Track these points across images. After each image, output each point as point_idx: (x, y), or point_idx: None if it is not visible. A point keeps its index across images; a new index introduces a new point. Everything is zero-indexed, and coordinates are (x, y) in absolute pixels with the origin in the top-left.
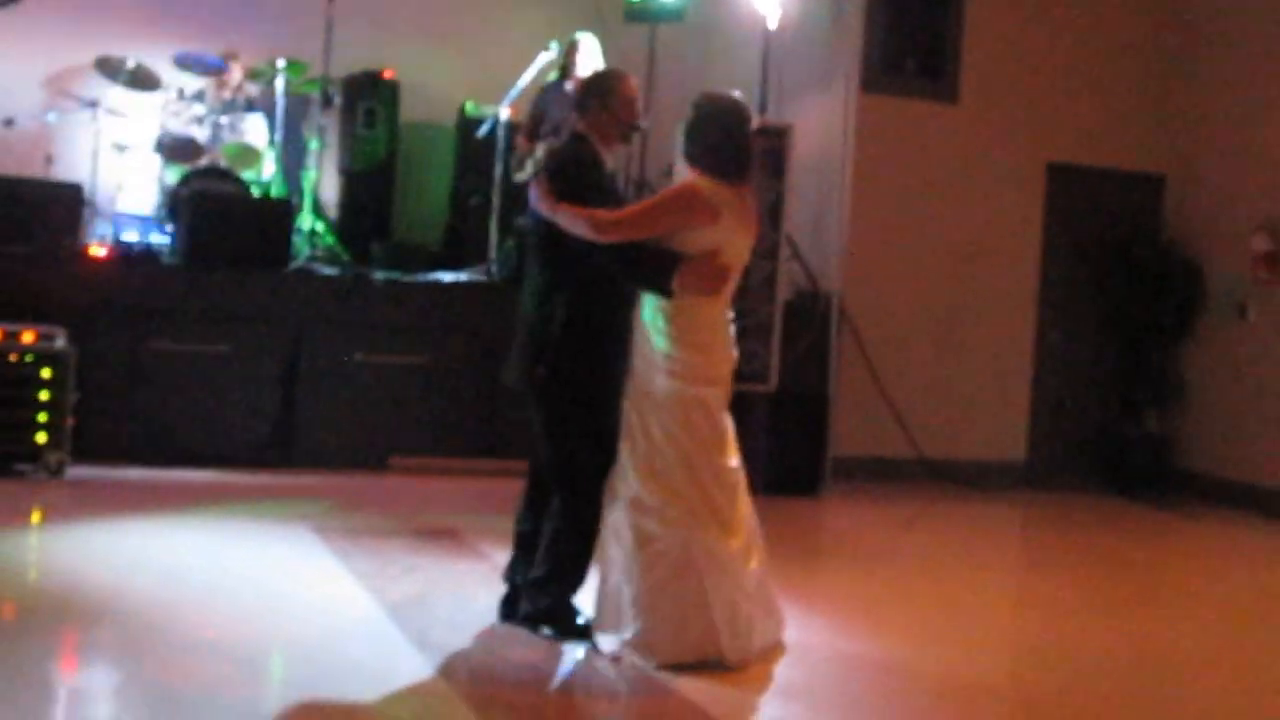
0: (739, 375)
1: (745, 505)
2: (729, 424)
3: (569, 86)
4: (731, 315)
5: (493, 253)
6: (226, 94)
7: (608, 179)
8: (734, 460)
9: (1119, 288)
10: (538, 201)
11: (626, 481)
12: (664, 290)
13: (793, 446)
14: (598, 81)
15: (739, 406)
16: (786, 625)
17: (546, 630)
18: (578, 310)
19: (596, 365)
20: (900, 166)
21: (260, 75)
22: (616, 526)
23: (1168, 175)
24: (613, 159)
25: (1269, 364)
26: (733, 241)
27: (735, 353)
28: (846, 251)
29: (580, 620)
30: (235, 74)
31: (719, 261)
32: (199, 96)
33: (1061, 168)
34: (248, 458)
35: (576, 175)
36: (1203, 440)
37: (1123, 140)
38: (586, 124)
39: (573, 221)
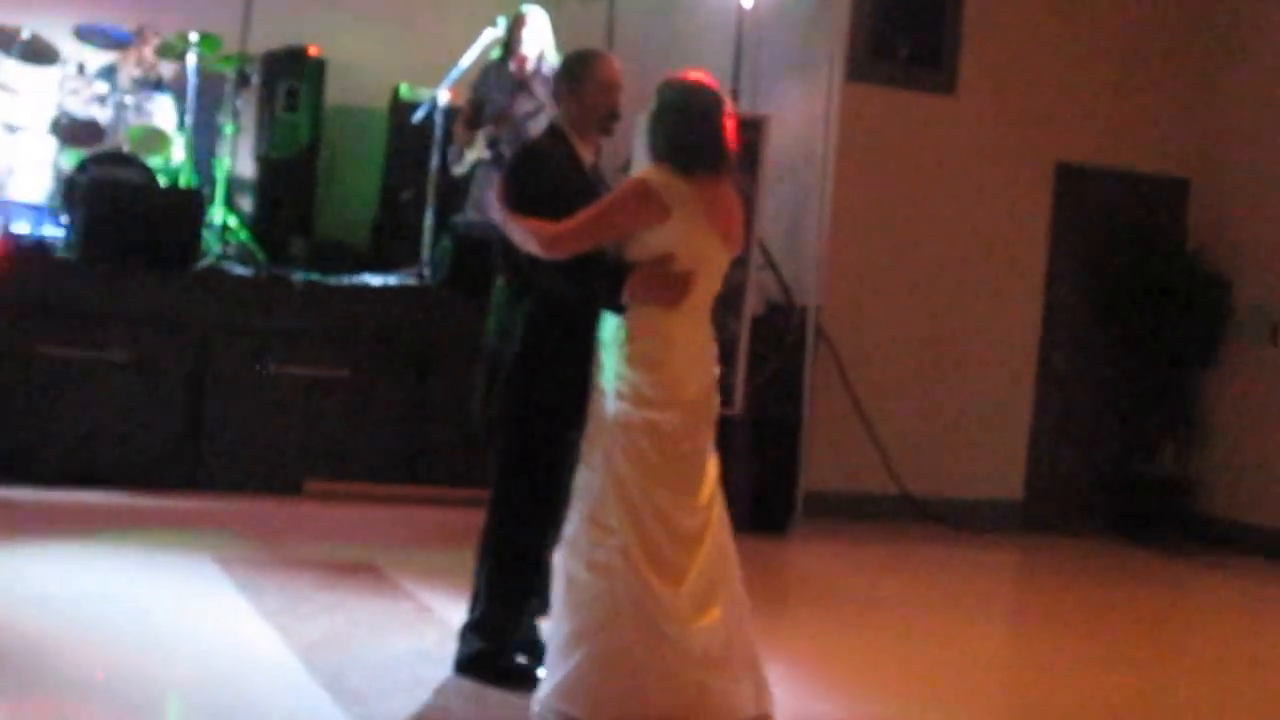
0: None
1: (709, 551)
2: (700, 455)
3: (512, 66)
4: (707, 329)
5: (426, 254)
6: (134, 71)
7: (584, 178)
8: (695, 497)
9: (1135, 306)
10: (494, 207)
11: (569, 518)
12: (613, 304)
13: (760, 479)
14: (568, 65)
15: None
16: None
17: (478, 677)
18: (539, 327)
19: (556, 391)
20: (889, 165)
21: (171, 51)
22: (555, 566)
23: (1193, 180)
24: (592, 153)
25: None
26: (691, 243)
27: (714, 372)
28: (825, 260)
29: (517, 668)
30: (144, 49)
31: (675, 267)
32: (104, 74)
33: (1072, 169)
34: (146, 478)
35: (531, 178)
36: (1225, 480)
37: (1143, 139)
38: (561, 114)
39: (522, 236)
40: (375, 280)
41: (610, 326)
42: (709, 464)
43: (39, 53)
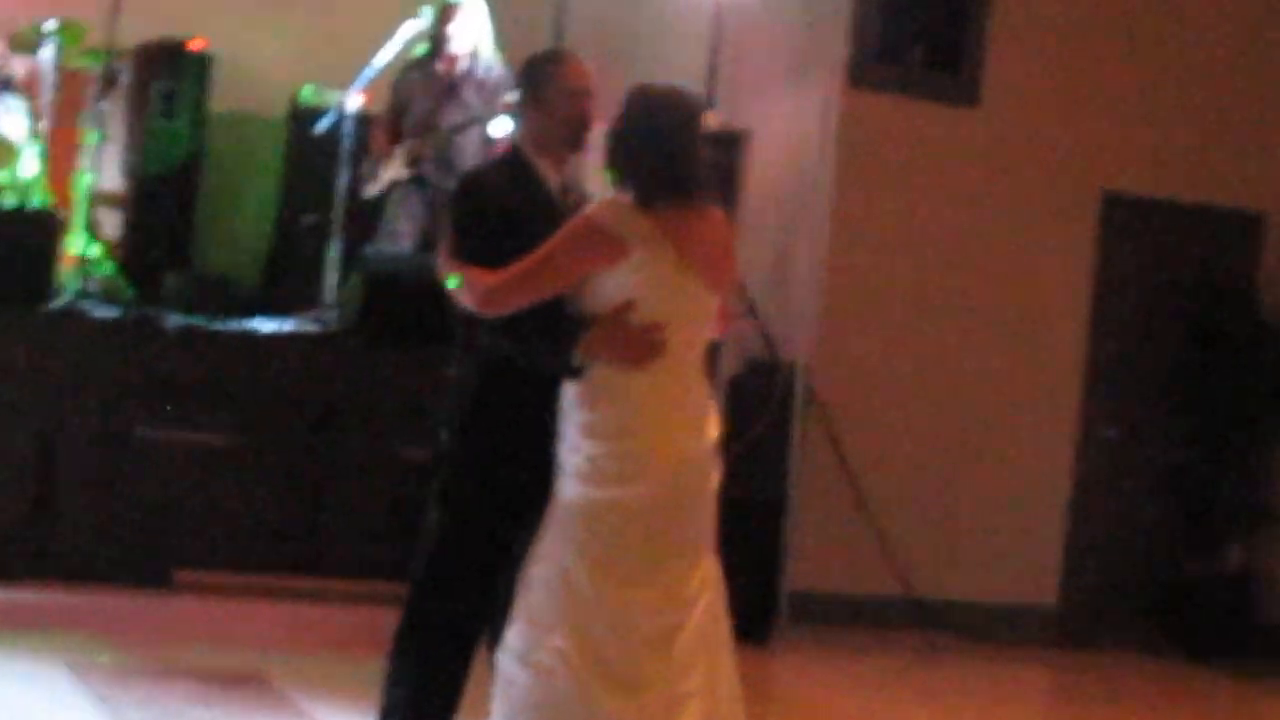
0: None
1: (682, 658)
2: (679, 539)
3: (439, 67)
4: (696, 387)
5: (330, 294)
6: None
7: (549, 209)
8: (666, 590)
9: (1197, 366)
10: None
11: (513, 613)
12: (566, 367)
13: (736, 572)
14: (528, 70)
15: None
16: None
17: None
18: (485, 393)
19: (501, 472)
20: (897, 191)
21: (22, 43)
22: (495, 667)
23: (1265, 215)
24: (559, 173)
25: None
26: (658, 287)
27: (707, 439)
28: (819, 306)
29: None
30: None
31: (639, 318)
32: None
33: (1122, 199)
34: None
35: (475, 217)
36: None
37: (1206, 167)
38: (521, 131)
39: (460, 290)
40: (267, 325)
41: (569, 393)
42: (696, 550)
43: None
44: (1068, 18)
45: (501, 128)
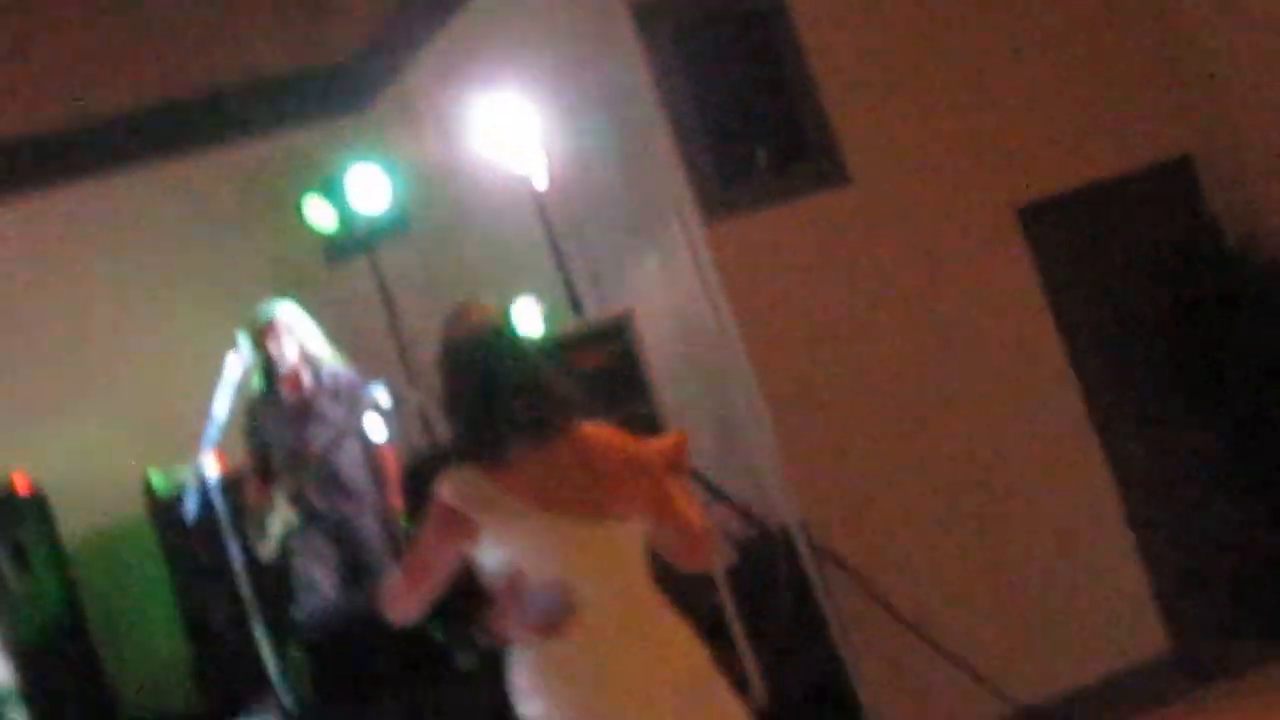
0: None
1: None
2: None
3: (283, 393)
4: (652, 621)
5: (276, 678)
6: None
7: None
8: None
9: (1186, 332)
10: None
11: None
12: (473, 654)
13: None
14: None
15: None
16: None
17: None
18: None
19: None
20: (804, 301)
21: None
22: None
23: (1193, 155)
24: None
25: None
26: (533, 544)
27: (682, 666)
28: (782, 457)
29: None
30: None
31: (528, 582)
32: None
33: (1037, 207)
34: None
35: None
36: None
37: (1116, 139)
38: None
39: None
40: None
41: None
42: None
43: None
44: (899, 60)
45: (376, 429)
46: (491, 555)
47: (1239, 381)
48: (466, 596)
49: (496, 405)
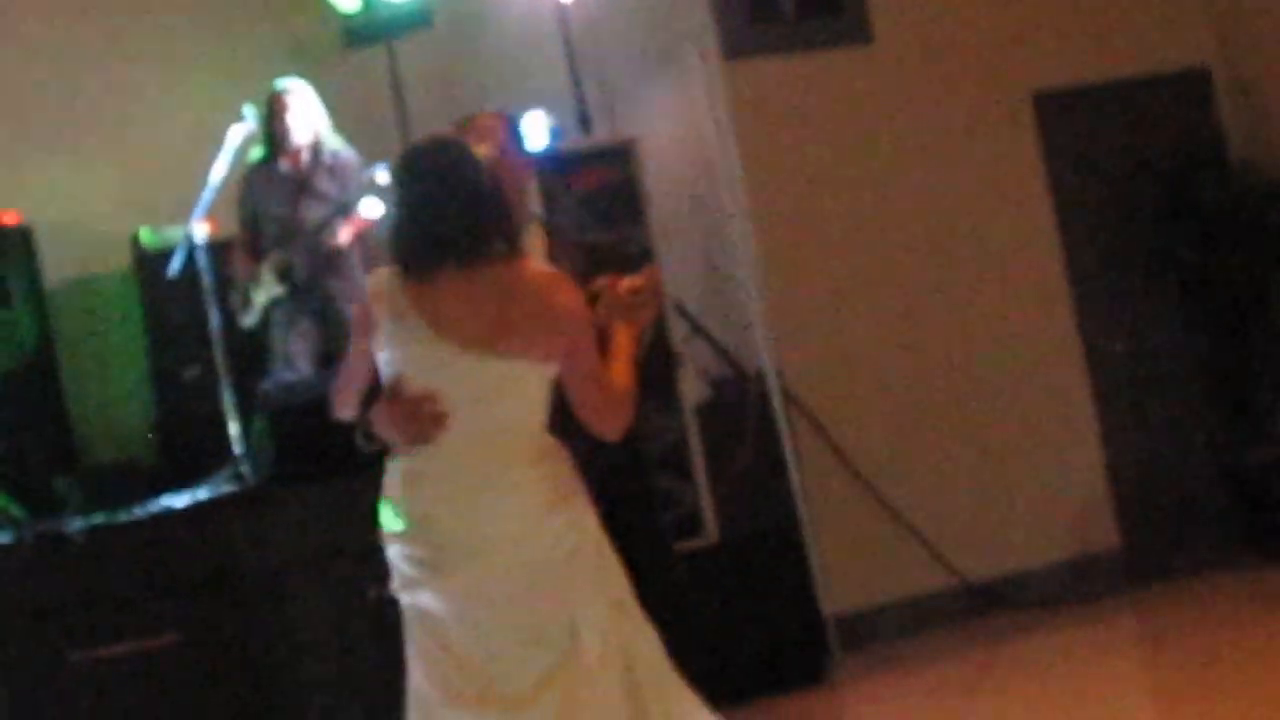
0: None
1: None
2: (505, 640)
3: (283, 166)
4: (520, 467)
5: (238, 445)
6: None
7: None
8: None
9: (1184, 246)
10: None
11: None
12: (358, 442)
13: (768, 619)
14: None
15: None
16: None
17: None
18: None
19: None
20: (809, 154)
21: None
22: None
23: (1211, 66)
24: None
25: None
26: (420, 359)
27: (530, 524)
28: (766, 302)
29: None
30: None
31: (403, 390)
32: None
33: (1053, 95)
34: None
35: None
36: None
37: (1134, 37)
38: None
39: None
40: (179, 500)
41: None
42: (548, 647)
43: None
44: None
45: (371, 209)
46: (385, 358)
47: (1223, 294)
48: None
49: (432, 221)
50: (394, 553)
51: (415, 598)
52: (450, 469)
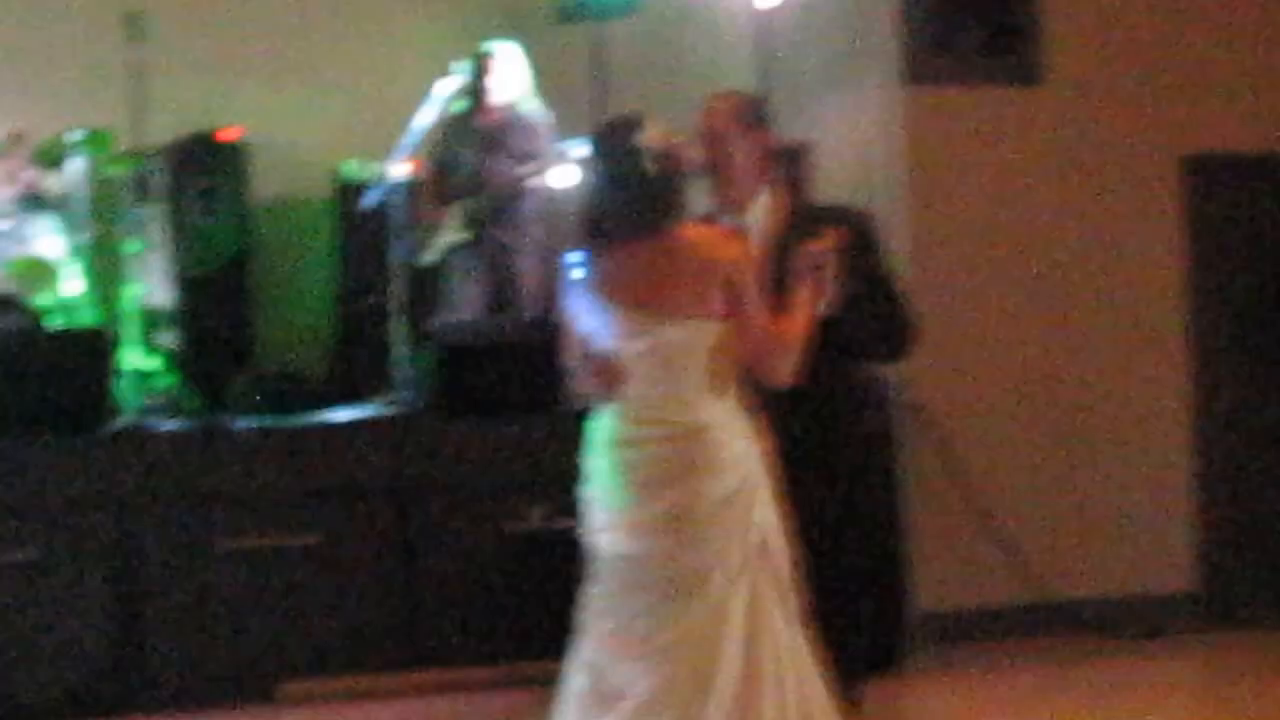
0: None
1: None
2: (649, 593)
3: (481, 121)
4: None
5: (402, 372)
6: (8, 191)
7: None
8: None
9: None
10: None
11: None
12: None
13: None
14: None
15: None
16: None
17: None
18: None
19: None
20: (970, 182)
21: (48, 157)
22: None
23: None
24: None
25: None
26: (600, 324)
27: (689, 486)
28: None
29: None
30: (14, 160)
31: (594, 353)
32: None
33: (1204, 160)
34: (72, 704)
35: None
36: None
37: None
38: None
39: None
40: (341, 415)
41: None
42: (676, 601)
43: None
44: None
45: (560, 176)
46: (580, 325)
47: None
48: None
49: (600, 202)
50: (591, 498)
51: (606, 541)
52: (623, 424)
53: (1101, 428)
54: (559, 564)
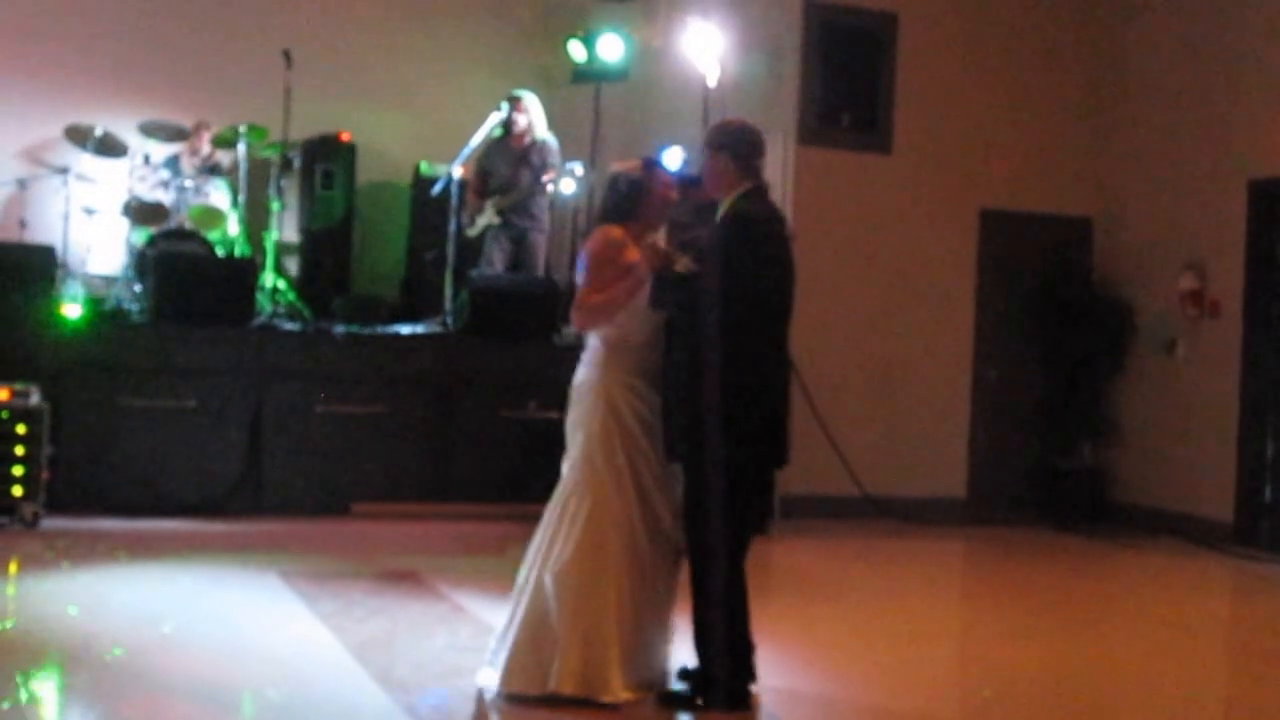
0: None
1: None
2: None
3: (512, 143)
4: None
5: (448, 305)
6: (193, 160)
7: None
8: None
9: (1052, 326)
10: None
11: None
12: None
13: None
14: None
15: None
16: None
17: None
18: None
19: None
20: (837, 217)
21: (224, 141)
22: None
23: (1093, 218)
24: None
25: (1197, 397)
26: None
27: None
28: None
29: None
30: (201, 140)
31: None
32: (167, 163)
33: (993, 213)
34: (216, 506)
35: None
36: (1135, 473)
37: (1051, 185)
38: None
39: None
40: (405, 329)
41: None
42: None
43: (110, 147)
44: (953, 86)
45: (568, 186)
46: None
47: (1066, 362)
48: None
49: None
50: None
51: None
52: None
53: (911, 383)
54: (545, 440)
